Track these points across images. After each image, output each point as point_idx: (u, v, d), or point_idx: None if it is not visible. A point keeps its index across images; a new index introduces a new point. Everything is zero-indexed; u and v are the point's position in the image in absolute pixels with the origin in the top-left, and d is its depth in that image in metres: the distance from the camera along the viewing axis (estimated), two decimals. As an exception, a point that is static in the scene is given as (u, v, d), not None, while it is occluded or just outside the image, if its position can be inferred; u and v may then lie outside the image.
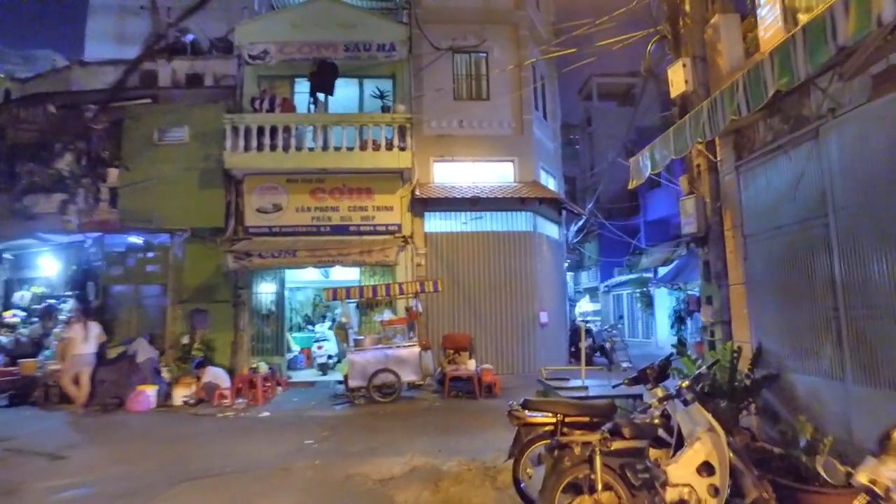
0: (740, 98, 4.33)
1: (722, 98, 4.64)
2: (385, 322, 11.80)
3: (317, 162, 13.44)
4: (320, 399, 11.73)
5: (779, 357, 5.89)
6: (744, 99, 4.29)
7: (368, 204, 14.21)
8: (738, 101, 4.36)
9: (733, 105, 4.43)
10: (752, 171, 6.29)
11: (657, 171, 6.23)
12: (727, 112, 4.55)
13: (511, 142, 15.47)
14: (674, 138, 5.58)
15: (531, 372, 14.38)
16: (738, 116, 4.43)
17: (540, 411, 5.13)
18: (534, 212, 15.22)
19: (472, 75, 15.81)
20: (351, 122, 13.60)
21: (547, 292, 15.62)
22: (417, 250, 14.34)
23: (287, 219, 13.91)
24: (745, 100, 4.27)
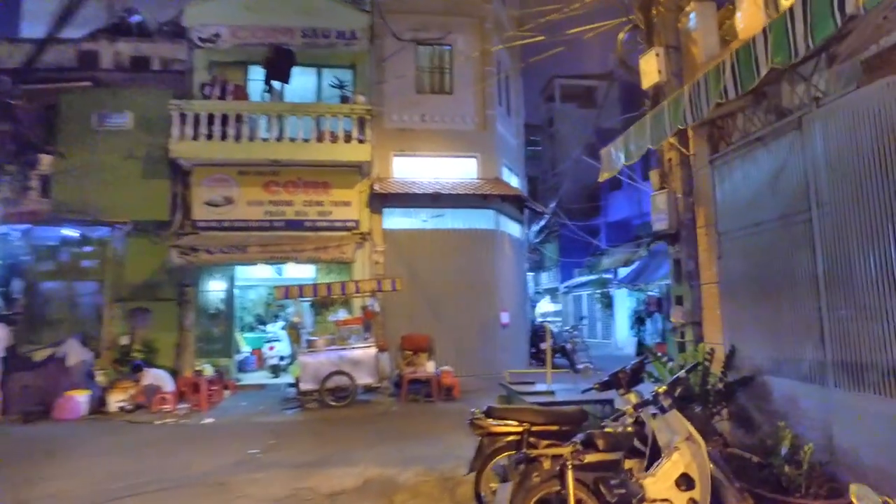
0: (727, 79, 3.99)
1: (706, 81, 4.30)
2: (340, 322, 11.22)
3: (270, 153, 12.74)
4: (270, 403, 11.07)
5: (753, 360, 5.61)
6: (731, 80, 3.95)
7: (325, 199, 13.59)
8: (725, 83, 4.01)
9: (719, 87, 4.08)
10: (728, 164, 6.01)
11: (631, 162, 5.89)
12: (711, 95, 4.21)
13: (474, 137, 15.08)
14: (650, 126, 5.24)
15: (492, 374, 13.99)
16: (724, 100, 4.09)
17: (504, 420, 4.70)
18: (496, 209, 14.86)
19: (435, 68, 15.35)
20: (308, 112, 12.95)
21: (508, 292, 15.28)
22: (376, 247, 13.78)
23: (238, 213, 13.16)
24: (734, 81, 3.92)
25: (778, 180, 5.14)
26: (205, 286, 13.35)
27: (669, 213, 6.87)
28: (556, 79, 38.77)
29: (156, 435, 8.58)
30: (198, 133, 12.15)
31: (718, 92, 4.11)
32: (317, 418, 9.67)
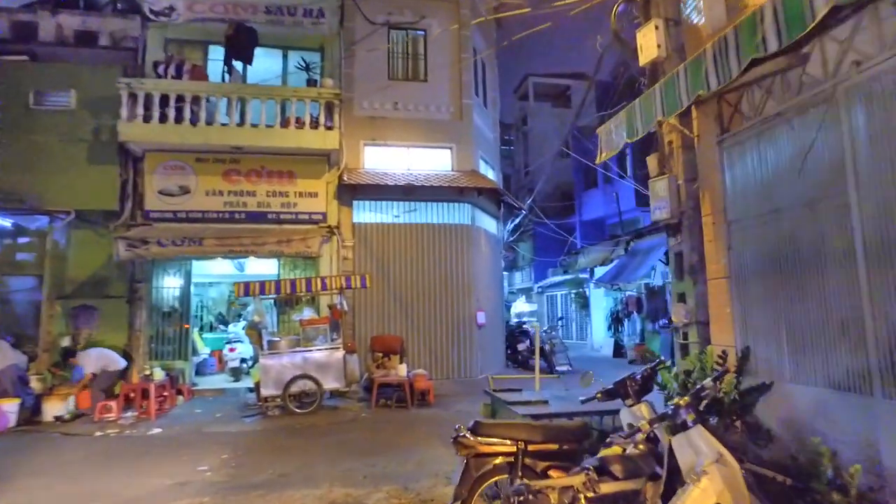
0: (768, 28, 3.31)
1: (736, 34, 3.63)
2: (305, 321, 10.34)
3: (231, 139, 11.77)
4: (228, 410, 10.13)
5: (771, 363, 4.99)
6: (773, 29, 3.27)
7: (290, 189, 12.67)
8: (765, 33, 3.34)
9: (756, 39, 3.41)
10: (741, 145, 5.38)
11: (635, 139, 5.21)
12: (745, 51, 3.54)
13: (449, 127, 14.33)
14: (662, 95, 4.56)
15: (468, 377, 13.29)
16: (764, 53, 3.41)
17: (495, 437, 3.94)
18: (472, 203, 14.15)
19: (408, 54, 14.56)
20: (272, 96, 12.01)
21: (484, 291, 14.58)
22: (344, 242, 12.92)
23: (195, 203, 12.15)
24: (776, 30, 3.25)
25: (804, 161, 4.51)
26: (159, 282, 12.29)
27: (671, 201, 6.22)
28: (530, 77, 38.44)
29: (92, 450, 7.58)
30: (150, 115, 11.10)
31: (755, 45, 3.44)
32: (278, 427, 8.79)
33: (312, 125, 12.19)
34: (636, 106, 5.09)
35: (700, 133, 6.10)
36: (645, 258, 16.34)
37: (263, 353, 9.92)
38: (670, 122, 6.31)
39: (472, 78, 14.94)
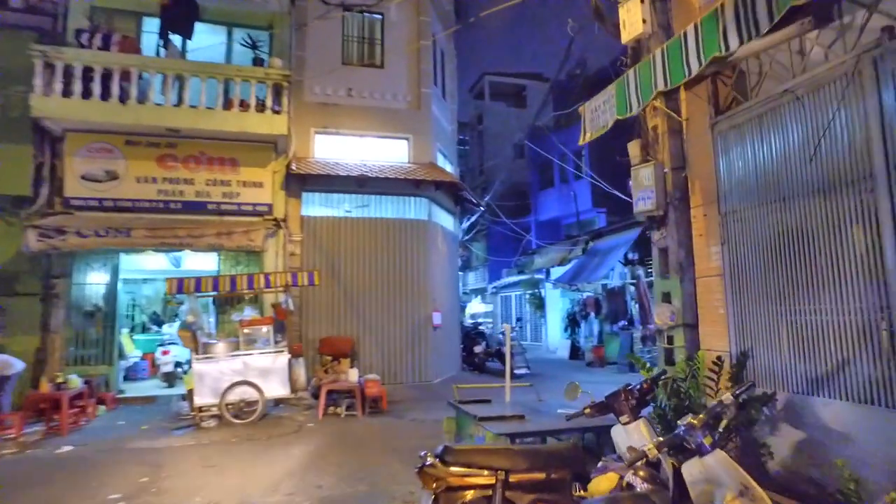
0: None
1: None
2: (245, 322, 9.37)
3: (166, 120, 10.64)
4: (157, 421, 9.06)
5: (774, 371, 4.47)
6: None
7: (232, 178, 11.62)
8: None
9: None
10: (738, 128, 4.85)
11: (626, 116, 4.61)
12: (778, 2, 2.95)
13: (406, 117, 13.57)
14: (665, 61, 3.95)
15: (423, 381, 12.56)
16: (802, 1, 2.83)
17: (469, 466, 3.22)
18: (429, 198, 13.42)
19: (364, 38, 13.72)
20: (213, 74, 10.94)
21: (441, 291, 13.88)
22: (291, 236, 11.97)
23: (125, 190, 10.96)
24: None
25: (818, 144, 3.99)
26: (81, 278, 11.01)
27: (656, 191, 5.66)
28: (486, 76, 38.12)
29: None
30: (70, 89, 9.88)
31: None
32: (213, 441, 7.82)
33: (258, 108, 11.19)
34: (629, 77, 4.48)
35: (690, 116, 5.57)
36: (604, 258, 16.00)
37: (198, 358, 8.91)
38: (655, 105, 5.76)
39: (432, 66, 14.24)
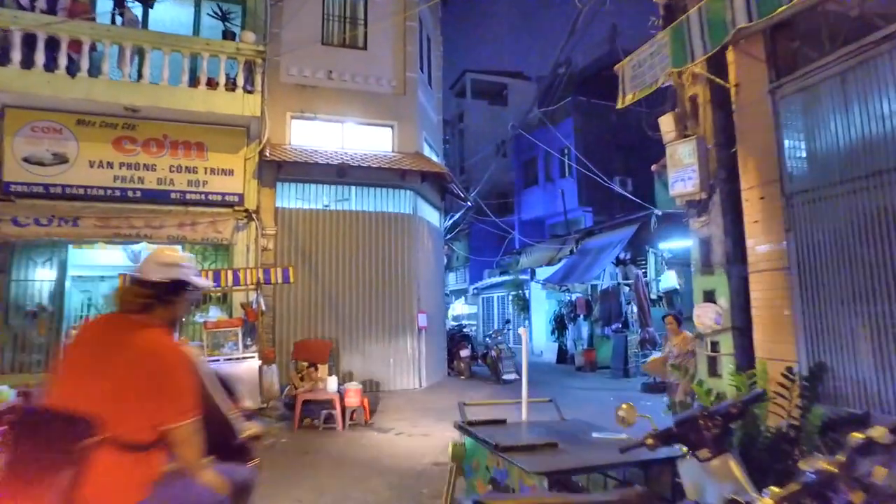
0: None
1: None
2: (210, 324, 8.27)
3: (123, 97, 9.49)
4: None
5: (864, 387, 3.61)
6: None
7: (199, 164, 10.50)
8: None
9: None
10: (810, 91, 4.00)
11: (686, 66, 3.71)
12: None
13: (391, 102, 12.58)
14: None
15: (408, 389, 11.56)
16: None
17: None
18: (415, 191, 12.45)
19: (346, 17, 12.70)
20: (177, 47, 9.82)
21: (426, 290, 12.90)
22: (264, 230, 10.88)
23: (75, 176, 9.76)
24: None
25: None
26: (24, 274, 9.79)
27: (699, 170, 4.77)
28: (468, 73, 37.34)
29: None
30: (8, 57, 8.67)
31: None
32: (168, 462, 6.70)
33: (229, 88, 10.11)
34: (691, 18, 3.57)
35: (740, 81, 4.69)
36: (597, 258, 15.21)
37: (155, 364, 7.78)
38: (694, 71, 4.89)
39: (418, 50, 13.27)
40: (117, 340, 2.11)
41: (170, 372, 2.08)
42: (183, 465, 2.11)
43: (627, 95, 4.31)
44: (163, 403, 2.04)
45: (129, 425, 2.00)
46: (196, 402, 2.12)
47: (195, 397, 2.12)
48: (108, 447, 1.96)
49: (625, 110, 5.30)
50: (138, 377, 2.03)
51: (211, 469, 2.19)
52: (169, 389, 2.06)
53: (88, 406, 1.96)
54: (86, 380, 2.06)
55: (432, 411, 10.01)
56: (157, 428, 2.03)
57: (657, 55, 3.94)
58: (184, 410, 2.06)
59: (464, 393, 11.63)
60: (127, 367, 2.05)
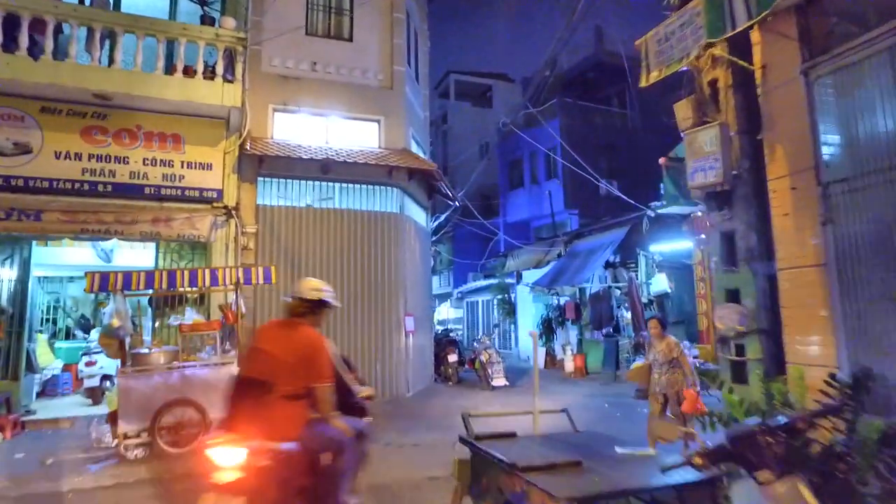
0: None
1: None
2: (186, 327, 7.67)
3: (91, 82, 8.85)
4: (69, 451, 7.27)
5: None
6: None
7: (175, 157, 9.89)
8: None
9: None
10: (847, 72, 3.64)
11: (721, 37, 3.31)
12: None
13: (378, 96, 12.08)
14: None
15: (395, 395, 11.04)
16: None
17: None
18: (402, 189, 11.96)
19: (331, 7, 12.18)
20: (152, 31, 9.22)
21: (413, 293, 12.40)
22: (244, 228, 10.30)
23: (40, 167, 9.08)
24: None
25: None
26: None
27: (722, 158, 4.39)
28: (452, 74, 37.02)
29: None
30: (-35, 36, 8.02)
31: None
32: (139, 479, 6.13)
33: (207, 76, 9.53)
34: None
35: (768, 63, 4.31)
36: (587, 260, 14.86)
37: (125, 371, 7.18)
38: (714, 54, 4.51)
39: (405, 43, 12.79)
40: (286, 334, 3.46)
41: (316, 353, 3.37)
42: (321, 414, 3.37)
43: (652, 72, 3.93)
44: (311, 372, 3.32)
45: (291, 385, 3.29)
46: (330, 373, 3.42)
47: (330, 370, 3.42)
48: (280, 398, 3.25)
49: (608, 112, 4.89)
50: (298, 356, 3.32)
51: (339, 418, 3.47)
52: (315, 364, 3.35)
53: (268, 374, 3.29)
54: (266, 358, 3.37)
55: (422, 420, 9.52)
56: (306, 387, 3.31)
57: (688, 26, 3.55)
58: (323, 377, 3.36)
59: (453, 400, 11.15)
60: (292, 350, 3.34)
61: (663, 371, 6.43)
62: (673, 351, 6.38)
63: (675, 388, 6.28)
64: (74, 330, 13.34)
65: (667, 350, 6.45)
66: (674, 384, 6.31)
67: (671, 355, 6.38)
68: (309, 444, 3.38)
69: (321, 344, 3.42)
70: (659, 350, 6.55)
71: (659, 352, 6.54)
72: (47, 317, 13.30)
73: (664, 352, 6.47)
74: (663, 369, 6.43)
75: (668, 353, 6.43)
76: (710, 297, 12.43)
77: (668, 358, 6.39)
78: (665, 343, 6.53)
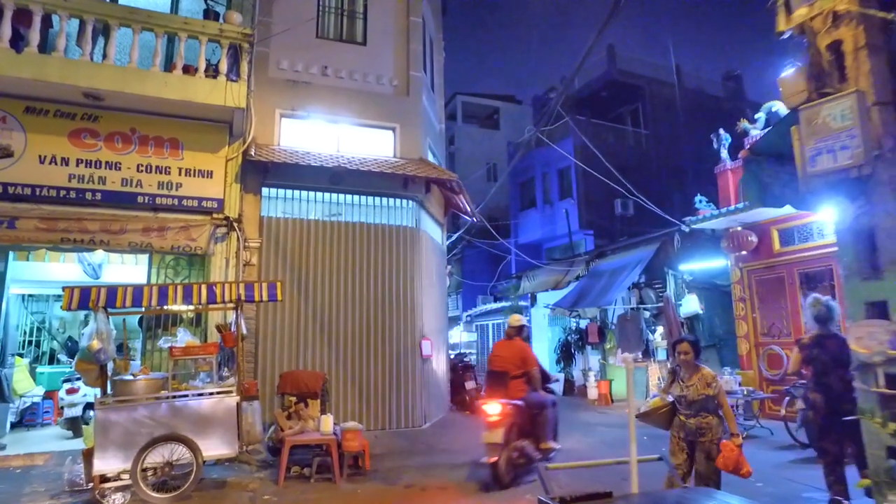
0: None
1: None
2: (178, 350, 6.66)
3: (83, 79, 7.99)
4: (35, 495, 6.23)
5: None
6: None
7: (173, 164, 9.00)
8: None
9: None
10: None
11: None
12: None
13: (392, 103, 11.25)
14: None
15: (410, 427, 9.98)
16: None
17: None
18: (418, 202, 11.05)
19: (343, 10, 11.45)
20: (150, 25, 8.41)
21: (430, 314, 11.39)
22: (247, 241, 9.37)
23: (21, 172, 8.18)
24: None
25: None
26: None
27: (862, 134, 3.45)
28: (459, 96, 36.59)
29: None
30: (-62, 24, 7.19)
31: None
32: (114, 532, 5.08)
33: (210, 74, 8.71)
34: None
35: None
36: (613, 279, 13.87)
37: (105, 401, 6.17)
38: (838, 9, 3.61)
39: (421, 48, 12.01)
40: (510, 344, 7.36)
41: (528, 353, 7.27)
42: (533, 387, 7.10)
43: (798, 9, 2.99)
44: (525, 363, 7.13)
45: (516, 371, 7.05)
46: (535, 362, 7.24)
47: (535, 361, 7.24)
48: (511, 378, 6.99)
49: (623, 132, 3.98)
50: (516, 355, 7.17)
51: (542, 390, 7.31)
52: (528, 358, 7.19)
53: (504, 367, 7.10)
54: (501, 359, 7.20)
55: (444, 455, 8.47)
56: (524, 371, 7.08)
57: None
58: (532, 365, 7.15)
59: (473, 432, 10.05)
60: (512, 353, 7.20)
61: (692, 412, 4.89)
62: (709, 386, 4.85)
63: (709, 436, 4.79)
64: (59, 354, 12.32)
65: (700, 384, 4.88)
66: (706, 430, 4.80)
67: (705, 391, 4.84)
68: (528, 402, 6.88)
69: (529, 349, 7.48)
70: (690, 384, 4.93)
71: (689, 386, 4.92)
72: (30, 339, 12.30)
73: (696, 386, 4.89)
74: (692, 409, 4.88)
75: (701, 387, 4.87)
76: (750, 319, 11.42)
77: (701, 395, 4.84)
78: (699, 375, 4.93)
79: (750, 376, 11.06)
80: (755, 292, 11.50)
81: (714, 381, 4.87)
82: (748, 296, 11.60)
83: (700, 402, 4.84)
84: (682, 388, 4.97)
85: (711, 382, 4.85)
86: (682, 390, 4.95)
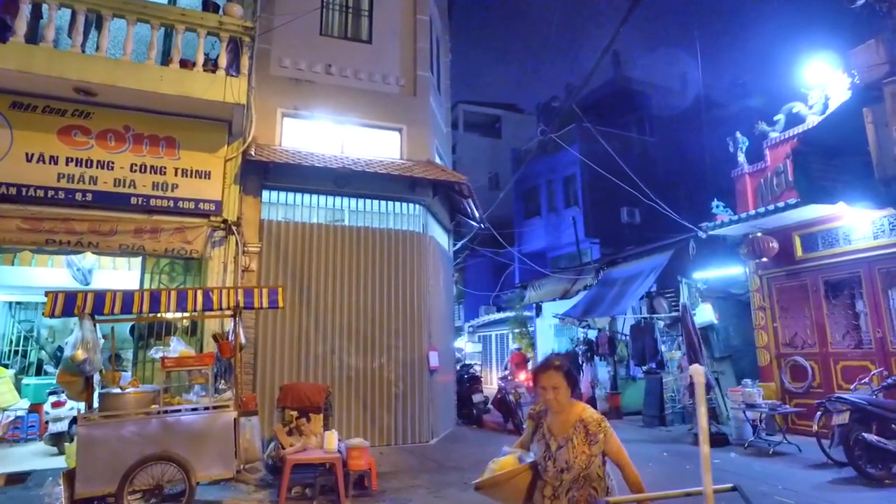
0: None
1: None
2: (170, 361, 6.13)
3: (73, 71, 7.53)
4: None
5: None
6: None
7: (169, 164, 8.52)
8: None
9: None
10: None
11: None
12: None
13: (399, 103, 10.82)
14: None
15: (418, 442, 9.44)
16: None
17: None
18: (426, 206, 10.58)
19: (348, 7, 11.04)
20: (145, 16, 7.97)
21: (438, 324, 10.89)
22: (247, 246, 8.87)
23: (6, 171, 7.70)
24: None
25: None
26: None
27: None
28: (461, 104, 36.32)
29: None
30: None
31: None
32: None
33: (208, 69, 8.26)
34: None
35: None
36: (625, 288, 13.36)
37: (89, 417, 5.64)
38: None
39: (429, 47, 11.60)
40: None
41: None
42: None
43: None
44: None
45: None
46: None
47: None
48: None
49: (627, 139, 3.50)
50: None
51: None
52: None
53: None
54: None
55: (454, 473, 7.91)
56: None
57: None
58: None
59: (483, 448, 9.51)
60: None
61: (564, 485, 2.88)
62: (592, 440, 2.85)
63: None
64: (46, 365, 11.75)
65: (578, 439, 2.86)
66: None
67: (585, 450, 2.84)
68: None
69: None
70: (561, 436, 2.91)
71: (560, 441, 2.90)
72: (16, 348, 11.75)
73: (573, 442, 2.86)
74: (565, 481, 2.87)
75: (579, 444, 2.85)
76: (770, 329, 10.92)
77: (579, 456, 2.83)
78: (576, 421, 2.90)
79: (771, 388, 10.55)
80: (776, 301, 11.00)
81: (600, 429, 2.85)
82: (768, 305, 11.10)
83: (579, 468, 2.81)
84: (547, 446, 2.93)
85: (596, 432, 2.84)
86: (549, 448, 2.92)
